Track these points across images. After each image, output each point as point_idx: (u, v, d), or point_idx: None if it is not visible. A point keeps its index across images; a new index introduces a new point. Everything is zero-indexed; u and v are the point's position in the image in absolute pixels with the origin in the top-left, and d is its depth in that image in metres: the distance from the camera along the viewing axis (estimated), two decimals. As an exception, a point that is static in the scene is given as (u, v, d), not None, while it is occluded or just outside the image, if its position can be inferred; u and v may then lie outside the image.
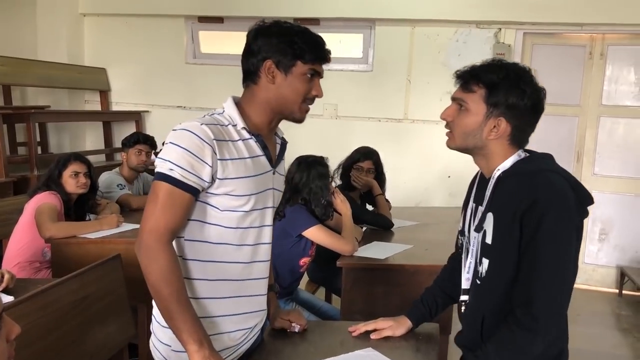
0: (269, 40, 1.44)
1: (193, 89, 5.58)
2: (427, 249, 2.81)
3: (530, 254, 1.35)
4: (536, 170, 1.41)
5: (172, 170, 1.33)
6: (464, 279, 1.54)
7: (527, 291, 1.35)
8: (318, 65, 1.47)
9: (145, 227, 1.34)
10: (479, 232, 1.47)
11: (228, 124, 1.44)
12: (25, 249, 2.85)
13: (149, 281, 1.34)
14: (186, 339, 1.32)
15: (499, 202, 1.43)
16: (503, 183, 1.43)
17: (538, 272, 1.34)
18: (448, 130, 1.50)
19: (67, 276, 1.86)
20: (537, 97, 1.42)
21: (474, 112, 1.43)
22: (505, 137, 1.43)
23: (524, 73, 1.42)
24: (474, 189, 1.58)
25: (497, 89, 1.40)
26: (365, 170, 3.31)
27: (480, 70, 1.44)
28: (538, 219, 1.33)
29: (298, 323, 1.73)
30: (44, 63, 5.24)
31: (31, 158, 4.42)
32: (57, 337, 1.74)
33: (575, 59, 4.95)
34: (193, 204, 1.38)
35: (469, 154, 1.50)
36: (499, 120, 1.41)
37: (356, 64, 5.33)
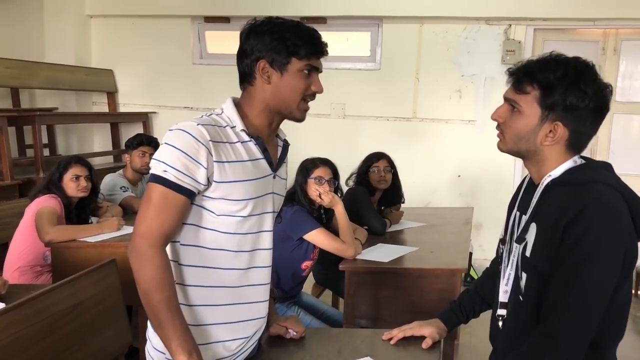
0: (261, 39, 1.38)
1: (200, 90, 5.55)
2: (433, 252, 2.74)
3: (564, 270, 1.22)
4: (588, 180, 1.27)
5: (166, 172, 1.29)
6: (502, 291, 1.42)
7: (552, 309, 1.23)
8: (315, 60, 1.40)
9: (138, 231, 1.30)
10: (520, 243, 1.35)
11: (226, 126, 1.39)
12: (26, 252, 2.82)
13: (140, 287, 1.29)
14: (175, 349, 1.27)
15: (543, 213, 1.30)
16: (551, 192, 1.31)
17: (567, 293, 1.21)
18: (499, 131, 1.37)
19: (58, 282, 1.82)
20: (600, 97, 1.26)
21: (527, 115, 1.29)
22: (562, 143, 1.30)
23: (585, 70, 1.27)
24: (519, 196, 1.45)
25: (553, 90, 1.26)
26: (382, 169, 3.27)
27: (535, 67, 1.29)
28: (579, 233, 1.20)
29: (295, 330, 1.67)
30: (51, 65, 5.24)
31: (37, 160, 4.41)
32: (48, 345, 1.70)
33: (588, 55, 4.70)
34: (188, 207, 1.33)
35: (520, 157, 1.38)
36: (555, 125, 1.27)
37: (364, 63, 5.26)
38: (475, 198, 4.96)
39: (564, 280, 1.22)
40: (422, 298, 2.44)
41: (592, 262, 1.21)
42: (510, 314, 1.40)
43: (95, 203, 3.10)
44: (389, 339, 1.64)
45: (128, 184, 3.59)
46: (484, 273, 1.71)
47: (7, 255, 2.87)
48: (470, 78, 5.00)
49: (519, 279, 1.35)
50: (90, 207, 3.06)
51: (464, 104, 5.03)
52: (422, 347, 1.58)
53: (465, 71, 5.01)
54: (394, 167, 3.35)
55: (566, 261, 1.22)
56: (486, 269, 1.70)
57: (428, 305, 2.40)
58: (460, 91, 5.04)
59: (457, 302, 1.68)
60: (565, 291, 1.22)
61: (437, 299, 2.39)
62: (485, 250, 4.97)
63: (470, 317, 1.67)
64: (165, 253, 1.32)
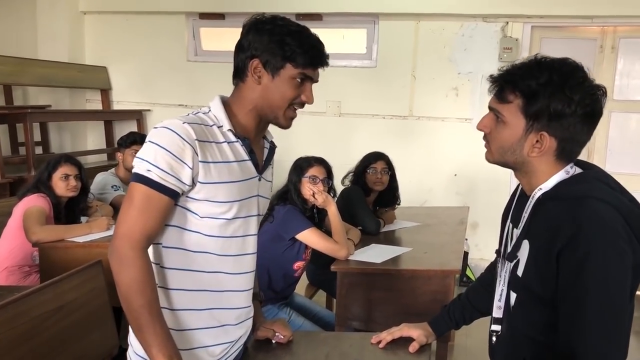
0: (260, 38, 1.33)
1: (195, 87, 5.50)
2: (427, 252, 2.71)
3: (572, 304, 1.13)
4: (581, 195, 1.18)
5: (149, 172, 1.24)
6: (496, 306, 1.36)
7: (571, 346, 1.13)
8: (310, 70, 1.34)
9: (119, 232, 1.25)
10: (512, 261, 1.29)
11: (213, 125, 1.34)
12: (14, 253, 2.78)
13: (120, 290, 1.25)
14: (155, 354, 1.23)
15: (535, 230, 1.23)
16: (543, 207, 1.23)
17: (584, 328, 1.12)
18: (485, 142, 1.30)
19: (41, 285, 1.78)
20: (589, 102, 1.17)
21: (511, 126, 1.22)
22: (550, 153, 1.22)
23: (572, 73, 1.18)
24: (512, 206, 1.38)
25: (536, 98, 1.17)
26: (380, 170, 3.22)
27: (517, 74, 1.21)
28: (580, 259, 1.12)
29: (282, 334, 1.63)
30: (44, 62, 5.20)
31: (29, 158, 4.37)
32: (30, 349, 1.66)
33: (586, 52, 4.79)
34: (172, 208, 1.29)
35: (510, 168, 1.30)
36: (541, 135, 1.20)
37: (360, 60, 5.22)
38: (471, 197, 4.93)
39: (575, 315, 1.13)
40: (415, 300, 2.40)
41: (602, 289, 1.11)
42: (504, 330, 1.35)
43: (85, 203, 3.05)
44: (378, 342, 1.60)
45: (120, 183, 3.55)
46: (478, 279, 1.66)
47: None
48: (467, 76, 4.96)
49: (509, 296, 1.30)
50: (80, 206, 3.02)
51: (460, 102, 4.99)
52: (409, 350, 1.55)
53: (462, 69, 4.96)
54: (391, 169, 3.30)
55: (571, 293, 1.13)
56: (481, 275, 1.66)
57: (421, 306, 2.37)
58: (457, 89, 4.99)
59: (447, 308, 1.64)
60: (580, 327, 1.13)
61: (430, 301, 2.36)
62: (482, 250, 4.94)
63: (461, 324, 1.62)
64: (147, 255, 1.27)
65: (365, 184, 3.22)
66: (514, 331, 1.30)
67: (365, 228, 3.03)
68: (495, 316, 1.37)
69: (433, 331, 1.61)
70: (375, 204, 3.35)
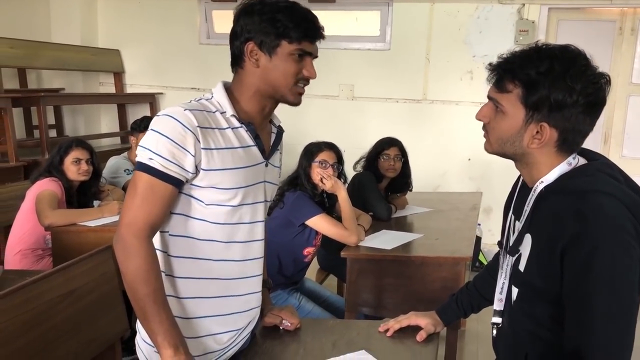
0: (250, 20, 1.31)
1: (207, 70, 5.47)
2: (438, 239, 2.69)
3: (579, 304, 1.10)
4: (584, 189, 1.14)
5: (152, 160, 1.24)
6: (497, 299, 1.34)
7: (581, 346, 1.10)
8: (307, 44, 1.32)
9: (124, 221, 1.26)
10: (514, 255, 1.26)
11: (216, 111, 1.33)
12: (27, 236, 2.81)
13: (125, 279, 1.25)
14: (161, 343, 1.23)
15: (538, 225, 1.19)
16: (545, 200, 1.19)
17: (591, 328, 1.09)
18: (485, 132, 1.27)
19: (52, 270, 1.80)
20: (592, 91, 1.13)
21: (510, 116, 1.18)
22: (551, 145, 1.18)
23: (574, 61, 1.13)
24: (514, 197, 1.34)
25: (536, 87, 1.13)
26: (393, 157, 3.19)
27: (516, 62, 1.17)
28: (586, 258, 1.08)
29: (290, 321, 1.63)
30: (58, 45, 5.20)
31: (42, 142, 4.39)
32: (40, 333, 1.67)
33: (604, 35, 4.69)
34: (176, 196, 1.29)
35: (510, 159, 1.27)
36: (541, 126, 1.16)
37: (373, 43, 5.15)
38: (485, 182, 4.88)
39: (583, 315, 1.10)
40: (425, 286, 2.39)
41: (610, 288, 1.08)
42: (504, 323, 1.33)
43: (97, 187, 3.06)
44: (386, 330, 1.60)
45: (132, 167, 3.56)
46: (486, 267, 1.63)
47: (9, 239, 2.86)
48: (482, 59, 4.87)
49: (510, 291, 1.27)
50: (92, 190, 3.02)
51: (475, 85, 4.92)
52: (417, 339, 1.54)
53: (477, 52, 4.89)
54: (404, 155, 3.26)
55: (577, 293, 1.10)
56: (489, 263, 1.63)
57: (431, 293, 2.36)
58: (471, 72, 4.92)
59: (455, 297, 1.62)
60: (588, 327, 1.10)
61: (440, 288, 2.35)
62: (495, 235, 4.89)
63: (469, 313, 1.61)
64: (152, 244, 1.28)
65: (378, 170, 3.19)
66: (515, 325, 1.27)
67: (376, 214, 3.01)
68: (496, 309, 1.35)
69: (441, 320, 1.60)
70: (387, 190, 3.33)
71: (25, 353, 1.61)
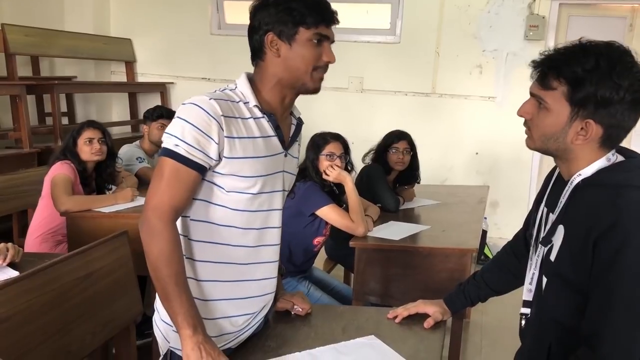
0: (267, 12, 1.36)
1: (218, 61, 5.52)
2: (445, 231, 2.73)
3: (603, 289, 1.14)
4: (622, 184, 1.16)
5: (177, 146, 1.29)
6: (526, 289, 1.36)
7: (596, 331, 1.14)
8: (324, 28, 1.36)
9: (149, 204, 1.30)
10: (546, 245, 1.28)
11: (239, 101, 1.38)
12: (47, 220, 2.87)
13: (149, 259, 1.30)
14: (181, 323, 1.28)
15: (573, 216, 1.21)
16: (581, 193, 1.21)
17: (612, 310, 1.13)
18: (526, 128, 1.28)
19: (71, 253, 1.85)
20: (638, 88, 1.14)
21: (555, 113, 1.19)
22: (595, 141, 1.19)
23: (620, 58, 1.15)
24: (548, 190, 1.37)
25: (582, 85, 1.14)
26: (402, 150, 3.23)
27: (561, 60, 1.17)
28: (616, 249, 1.11)
29: (301, 306, 1.68)
30: (71, 34, 5.26)
31: (55, 129, 4.46)
32: (60, 313, 1.73)
33: (615, 31, 4.68)
34: (199, 182, 1.33)
35: (550, 155, 1.29)
36: (587, 123, 1.17)
37: (383, 36, 5.18)
38: (492, 176, 4.91)
39: (605, 302, 1.14)
40: (431, 277, 2.43)
41: (633, 280, 1.11)
42: (533, 314, 1.36)
43: (113, 168, 3.08)
44: (394, 317, 1.65)
45: (145, 155, 3.62)
46: (493, 259, 1.67)
47: (31, 222, 2.95)
48: (491, 53, 4.90)
49: (540, 280, 1.30)
50: (108, 171, 3.05)
51: (484, 80, 4.94)
52: (424, 326, 1.59)
53: (487, 46, 4.91)
54: (413, 149, 3.30)
55: (604, 280, 1.14)
56: (497, 254, 1.66)
57: (437, 284, 2.40)
58: (481, 67, 4.94)
59: (462, 286, 1.66)
60: (609, 314, 1.13)
61: (447, 279, 2.39)
62: (501, 229, 4.94)
63: (476, 302, 1.65)
64: (176, 227, 1.32)
65: (387, 163, 3.23)
66: (542, 315, 1.30)
67: (384, 205, 3.06)
68: (525, 299, 1.37)
69: (448, 308, 1.64)
70: (395, 182, 3.37)
71: (46, 332, 1.66)
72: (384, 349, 1.48)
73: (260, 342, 1.52)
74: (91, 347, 1.87)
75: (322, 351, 1.47)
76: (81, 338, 1.81)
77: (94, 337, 1.86)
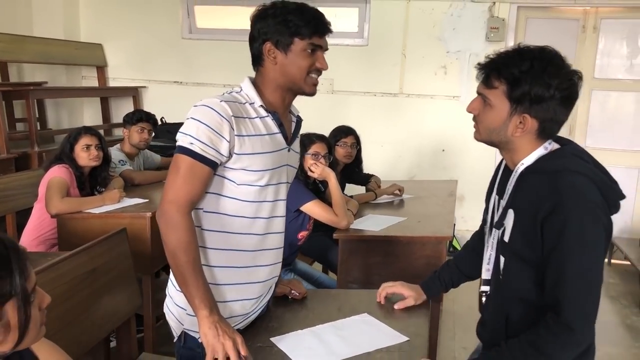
0: (265, 23, 1.50)
1: (189, 64, 5.61)
2: (420, 221, 2.91)
3: (556, 263, 1.29)
4: (560, 169, 1.33)
5: (192, 144, 1.41)
6: (484, 269, 1.52)
7: (556, 299, 1.29)
8: (317, 39, 1.50)
9: (167, 197, 1.42)
10: (499, 228, 1.44)
11: (245, 102, 1.51)
12: (45, 223, 2.95)
13: (168, 248, 1.41)
14: (198, 305, 1.40)
15: (520, 200, 1.38)
16: (525, 179, 1.38)
17: (566, 280, 1.28)
18: (475, 122, 1.45)
19: (76, 250, 1.94)
20: (567, 87, 1.31)
21: (497, 109, 1.37)
22: (532, 132, 1.36)
23: (550, 61, 1.32)
24: (497, 179, 1.54)
25: (519, 84, 1.32)
26: (350, 144, 3.46)
27: (501, 62, 1.35)
28: (560, 226, 1.27)
29: (297, 291, 1.83)
30: (41, 39, 5.26)
31: (31, 134, 4.47)
32: (68, 307, 1.82)
33: (569, 32, 4.99)
34: (211, 177, 1.46)
35: (495, 147, 1.46)
36: (524, 117, 1.34)
37: (352, 39, 5.36)
38: (458, 171, 5.14)
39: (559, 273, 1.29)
40: (410, 264, 2.60)
41: (581, 249, 1.27)
42: (492, 291, 1.53)
43: (107, 172, 3.20)
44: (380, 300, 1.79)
45: (126, 158, 3.69)
46: (464, 247, 1.84)
47: (27, 225, 3.01)
48: (455, 54, 5.13)
49: (498, 260, 1.46)
50: (102, 175, 3.16)
51: (449, 80, 5.17)
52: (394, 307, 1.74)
53: (451, 48, 5.14)
54: (359, 144, 3.54)
55: (555, 255, 1.29)
56: (466, 243, 1.83)
57: (416, 270, 2.57)
58: (445, 67, 5.17)
59: (437, 273, 1.81)
60: (563, 282, 1.28)
61: (424, 264, 2.57)
62: (467, 221, 5.18)
63: (450, 287, 1.80)
64: (191, 218, 1.44)
65: (334, 157, 3.40)
66: (502, 291, 1.47)
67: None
68: (484, 277, 1.54)
69: (425, 293, 1.78)
70: (342, 173, 3.55)
71: (56, 325, 1.75)
72: (378, 324, 1.64)
73: (264, 323, 1.66)
74: (97, 338, 1.97)
75: (321, 328, 1.62)
76: (89, 329, 1.91)
77: (100, 329, 1.97)
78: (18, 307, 0.98)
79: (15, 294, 0.97)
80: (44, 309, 1.06)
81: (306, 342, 1.54)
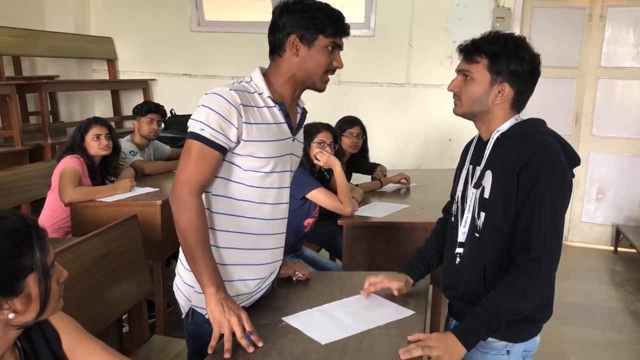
0: (293, 17, 1.56)
1: (198, 57, 5.68)
2: (423, 208, 2.97)
3: (529, 204, 1.47)
4: (532, 132, 1.54)
5: (203, 130, 1.48)
6: (460, 232, 1.64)
7: (526, 238, 1.47)
8: (339, 39, 1.59)
9: (179, 180, 1.50)
10: (478, 188, 1.58)
11: (254, 92, 1.58)
12: (58, 212, 3.04)
13: (179, 228, 1.49)
14: (206, 282, 1.48)
15: (497, 161, 1.55)
16: (501, 144, 1.56)
17: (537, 220, 1.46)
18: (456, 99, 1.61)
19: (89, 234, 2.03)
20: (534, 62, 1.54)
21: (479, 81, 1.54)
22: (508, 101, 1.55)
23: (520, 41, 1.54)
24: (469, 153, 1.70)
25: (498, 58, 1.51)
26: (356, 134, 3.50)
27: (481, 42, 1.55)
28: (535, 173, 1.46)
29: (301, 273, 1.90)
30: (52, 33, 5.36)
31: (44, 127, 4.58)
32: (82, 290, 1.91)
33: (575, 21, 5.00)
34: (221, 161, 1.53)
35: (472, 119, 1.61)
36: (503, 86, 1.53)
37: (358, 29, 5.38)
38: (465, 161, 5.16)
39: (532, 212, 1.47)
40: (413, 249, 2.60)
41: (552, 192, 1.47)
42: (466, 251, 1.64)
43: (117, 161, 3.29)
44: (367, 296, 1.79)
45: (136, 149, 3.78)
46: (434, 231, 1.94)
47: (41, 214, 3.11)
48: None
49: (475, 220, 1.60)
50: (112, 164, 3.26)
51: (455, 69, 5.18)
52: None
53: (457, 38, 5.14)
54: (365, 134, 3.58)
55: (529, 198, 1.48)
56: (434, 228, 1.95)
57: (419, 255, 2.63)
58: (451, 57, 5.19)
59: (417, 257, 1.87)
60: (535, 220, 1.46)
61: (427, 250, 2.62)
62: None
63: (430, 268, 1.88)
64: (202, 200, 1.52)
65: (340, 147, 3.45)
66: (481, 246, 1.59)
67: None
68: (459, 240, 1.65)
69: (410, 277, 1.82)
70: (349, 163, 3.60)
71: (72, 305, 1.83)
72: (381, 300, 1.72)
73: (270, 302, 1.73)
74: (111, 319, 2.07)
75: (328, 306, 1.69)
76: (103, 311, 2.00)
77: (113, 310, 2.06)
78: (39, 280, 1.06)
79: (36, 268, 1.05)
80: (62, 283, 1.13)
81: (316, 319, 1.60)
